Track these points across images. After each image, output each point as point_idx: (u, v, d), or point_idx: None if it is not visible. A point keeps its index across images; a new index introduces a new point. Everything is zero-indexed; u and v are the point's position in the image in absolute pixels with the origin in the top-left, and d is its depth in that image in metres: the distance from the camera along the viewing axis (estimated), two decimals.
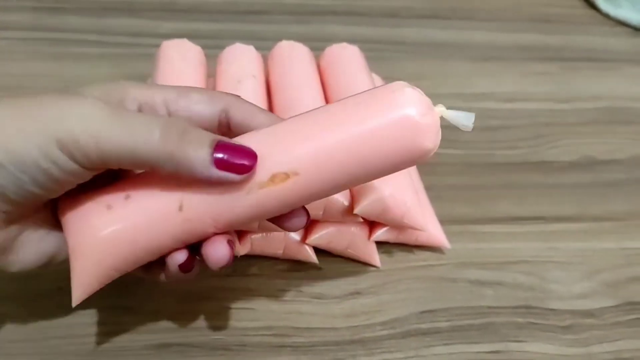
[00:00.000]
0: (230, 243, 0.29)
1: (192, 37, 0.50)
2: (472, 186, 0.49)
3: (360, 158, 0.27)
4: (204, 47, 0.50)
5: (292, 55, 0.48)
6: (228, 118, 0.30)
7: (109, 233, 0.28)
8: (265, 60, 0.50)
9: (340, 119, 0.28)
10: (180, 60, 0.46)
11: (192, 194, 0.28)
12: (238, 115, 0.30)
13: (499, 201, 0.48)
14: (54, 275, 0.31)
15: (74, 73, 0.57)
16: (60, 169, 0.26)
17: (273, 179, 0.27)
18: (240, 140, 0.28)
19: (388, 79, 0.56)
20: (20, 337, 0.35)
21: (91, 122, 0.26)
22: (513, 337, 0.37)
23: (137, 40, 0.62)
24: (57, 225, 0.30)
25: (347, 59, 0.49)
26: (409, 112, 0.27)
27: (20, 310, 0.36)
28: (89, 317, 0.36)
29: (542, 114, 0.58)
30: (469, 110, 0.56)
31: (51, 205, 0.30)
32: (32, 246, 0.30)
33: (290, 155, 0.27)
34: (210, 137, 0.27)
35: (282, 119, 0.30)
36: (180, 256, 0.29)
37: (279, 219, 0.30)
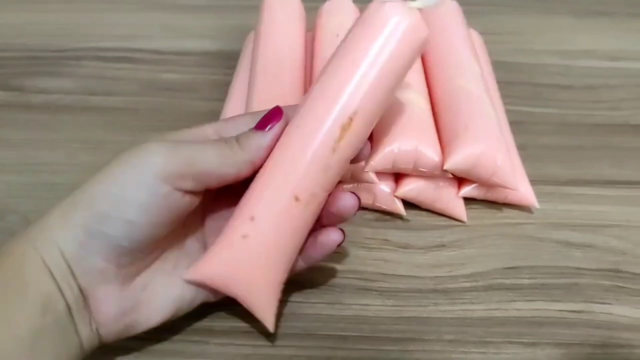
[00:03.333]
0: (352, 192, 0.34)
1: None
2: (567, 147, 0.48)
3: (386, 76, 0.32)
4: (304, 0, 0.51)
5: None
6: None
7: (259, 259, 0.32)
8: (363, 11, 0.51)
9: (353, 56, 0.32)
10: (282, 14, 0.47)
11: (297, 182, 0.31)
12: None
13: (594, 163, 0.47)
14: None
15: (181, 23, 0.60)
16: (166, 199, 0.29)
17: (344, 128, 0.31)
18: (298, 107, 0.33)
19: (487, 33, 0.56)
20: None
21: (180, 151, 0.30)
22: (598, 299, 0.38)
23: None
24: (176, 268, 0.33)
25: (446, 14, 0.49)
26: (399, 25, 0.31)
27: None
28: None
29: None
30: (569, 68, 0.55)
31: (163, 248, 0.33)
32: (158, 296, 0.32)
33: (343, 104, 0.31)
34: (249, 128, 0.33)
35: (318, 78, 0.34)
36: (337, 236, 0.34)
37: (332, 203, 0.34)
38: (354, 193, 0.34)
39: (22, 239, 0.29)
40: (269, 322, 0.33)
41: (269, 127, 0.32)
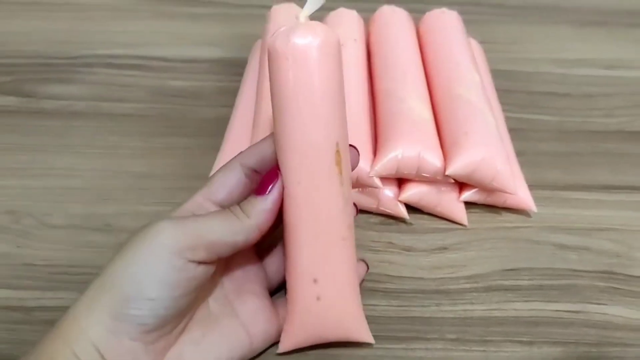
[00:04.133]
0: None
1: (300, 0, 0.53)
2: (565, 153, 0.50)
3: (336, 94, 0.31)
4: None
5: (393, 20, 0.50)
6: (249, 169, 0.34)
7: (337, 307, 0.34)
8: (367, 23, 0.52)
9: (303, 100, 0.31)
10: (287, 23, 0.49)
11: (337, 226, 0.33)
12: (251, 161, 0.34)
13: (591, 169, 0.48)
14: None
15: (190, 31, 0.62)
16: (183, 272, 0.31)
17: (337, 162, 0.32)
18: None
19: (486, 42, 0.57)
20: None
21: (187, 225, 0.31)
22: (593, 299, 0.39)
23: (250, 1, 0.66)
24: (202, 336, 0.33)
25: (446, 24, 0.50)
26: (315, 49, 0.30)
27: None
28: None
29: None
30: (566, 77, 0.57)
31: (186, 317, 0.33)
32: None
33: (326, 145, 0.32)
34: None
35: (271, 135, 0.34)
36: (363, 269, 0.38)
37: None
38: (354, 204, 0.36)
39: (53, 335, 0.30)
40: (367, 339, 0.36)
41: (268, 189, 0.33)
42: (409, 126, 0.42)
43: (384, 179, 0.42)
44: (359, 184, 0.42)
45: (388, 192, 0.43)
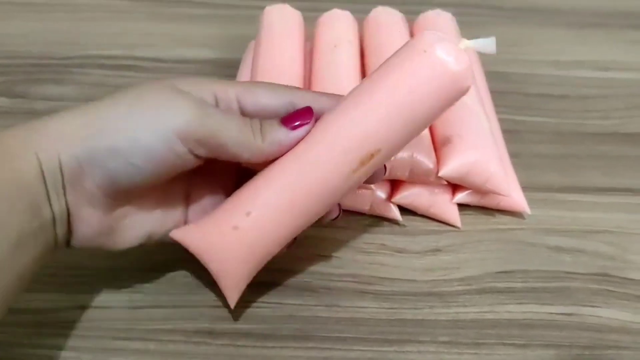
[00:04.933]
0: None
1: (292, 0, 0.53)
2: (560, 155, 0.49)
3: (420, 116, 0.32)
4: (302, 9, 0.52)
5: (387, 21, 0.50)
6: (295, 109, 0.33)
7: (242, 250, 0.33)
8: (361, 24, 0.52)
9: (392, 91, 0.31)
10: (281, 25, 0.49)
11: (303, 196, 0.32)
12: (302, 104, 0.33)
13: (587, 171, 0.48)
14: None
15: (183, 32, 0.61)
16: (179, 159, 0.30)
17: (362, 162, 0.32)
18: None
19: None
20: (138, 267, 0.40)
21: (206, 119, 0.30)
22: (587, 302, 0.39)
23: (241, 2, 0.66)
24: (156, 207, 0.34)
25: (440, 25, 0.50)
26: (447, 67, 0.31)
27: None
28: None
29: (638, 84, 0.57)
30: (563, 78, 0.57)
31: (153, 190, 0.34)
32: (135, 227, 0.34)
33: (369, 139, 0.31)
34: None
35: (343, 100, 0.33)
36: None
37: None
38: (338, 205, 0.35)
39: (24, 140, 0.29)
40: (232, 301, 0.34)
41: (295, 124, 0.32)
42: None
43: None
44: None
45: (380, 193, 0.43)
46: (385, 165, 0.35)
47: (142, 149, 0.29)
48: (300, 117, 0.32)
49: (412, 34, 0.51)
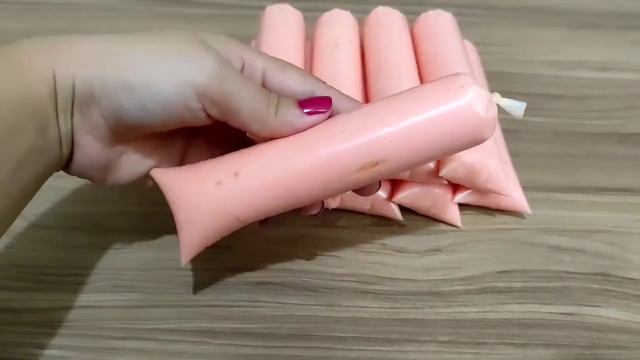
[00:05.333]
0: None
1: (293, 0, 0.53)
2: (559, 155, 0.50)
3: (434, 146, 0.32)
4: (303, 9, 0.52)
5: (387, 21, 0.50)
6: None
7: (216, 209, 0.32)
8: (361, 24, 0.52)
9: (416, 110, 0.31)
10: (281, 25, 0.49)
11: (295, 180, 0.32)
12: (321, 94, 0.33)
13: (586, 171, 0.48)
14: (170, 215, 0.35)
15: None
16: (189, 113, 0.30)
17: (363, 167, 0.32)
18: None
19: (481, 44, 0.57)
20: (136, 267, 0.40)
21: (227, 81, 0.30)
22: (587, 302, 0.39)
23: (242, 2, 0.65)
24: (153, 154, 0.34)
25: (441, 26, 0.50)
26: (476, 109, 0.31)
27: (139, 242, 0.41)
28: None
29: (637, 84, 0.57)
30: (562, 79, 0.57)
31: (155, 136, 0.34)
32: (129, 167, 0.34)
33: (378, 146, 0.31)
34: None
35: (363, 105, 0.34)
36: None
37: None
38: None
39: (44, 52, 0.29)
40: (184, 257, 0.34)
41: (310, 110, 0.32)
42: None
43: None
44: None
45: (381, 193, 0.43)
46: (380, 182, 0.35)
47: (156, 94, 0.29)
48: (318, 104, 0.32)
49: (412, 34, 0.51)
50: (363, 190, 0.35)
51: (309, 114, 0.32)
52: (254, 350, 0.36)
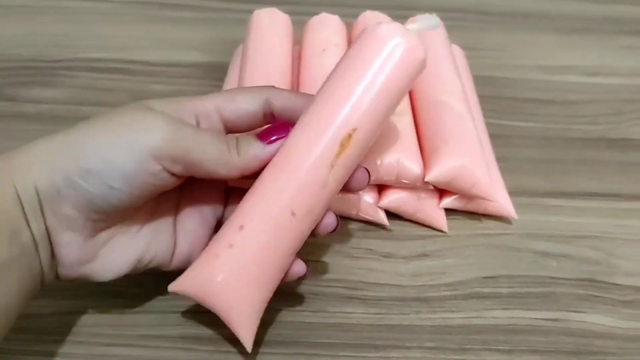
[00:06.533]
0: (334, 212, 0.35)
1: (281, 3, 0.53)
2: (547, 160, 0.50)
3: (384, 96, 0.33)
4: (291, 13, 0.52)
5: None
6: (271, 108, 0.34)
7: (242, 271, 0.32)
8: (349, 28, 0.52)
9: (360, 77, 0.33)
10: (270, 29, 0.49)
11: (293, 196, 0.32)
12: (278, 102, 0.34)
13: (573, 176, 0.48)
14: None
15: (172, 35, 0.61)
16: (154, 177, 0.30)
17: (343, 144, 0.32)
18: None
19: (469, 49, 0.57)
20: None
21: (180, 137, 0.30)
22: (572, 307, 0.39)
23: (230, 5, 0.65)
24: (142, 229, 0.34)
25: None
26: (400, 47, 0.33)
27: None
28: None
29: (626, 89, 0.57)
30: (550, 83, 0.57)
31: (137, 211, 0.33)
32: (119, 252, 0.33)
33: (343, 120, 0.32)
34: (251, 134, 0.33)
35: (314, 97, 0.34)
36: (300, 268, 0.35)
37: (348, 182, 0.34)
38: (334, 214, 0.35)
39: (0, 170, 0.29)
40: (247, 341, 0.33)
41: (272, 139, 0.33)
42: (389, 132, 0.42)
43: None
44: None
45: (368, 198, 0.43)
46: (368, 171, 0.35)
47: (117, 170, 0.29)
48: (276, 131, 0.33)
49: None
50: (353, 183, 0.35)
51: (270, 142, 0.33)
52: (241, 357, 0.36)
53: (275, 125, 0.33)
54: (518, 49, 0.62)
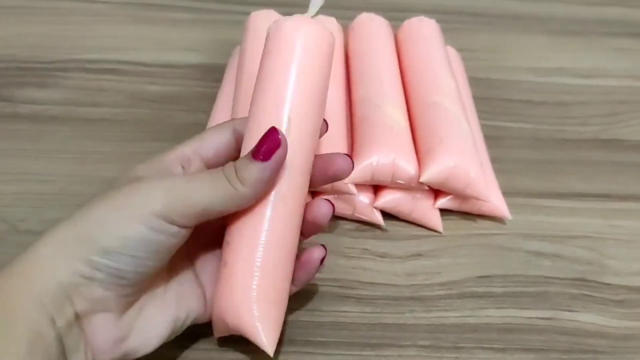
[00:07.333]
0: (326, 199, 0.35)
1: (278, 5, 0.53)
2: (540, 160, 0.50)
3: (309, 86, 0.33)
4: (288, 14, 0.52)
5: (371, 28, 0.51)
6: (241, 135, 0.34)
7: (242, 285, 0.32)
8: (346, 30, 0.52)
9: (285, 77, 0.33)
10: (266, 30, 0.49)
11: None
12: (244, 127, 0.34)
13: (565, 177, 0.49)
14: None
15: (168, 36, 0.61)
16: (171, 236, 0.30)
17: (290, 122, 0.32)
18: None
19: (465, 50, 0.58)
20: None
21: (178, 192, 0.30)
22: (565, 306, 0.39)
23: (227, 7, 0.66)
24: (167, 288, 0.33)
25: (424, 32, 0.50)
26: (306, 37, 0.33)
27: None
28: None
29: (618, 91, 0.58)
30: (543, 85, 0.58)
31: (159, 274, 0.33)
32: (155, 319, 0.32)
33: (278, 111, 0.32)
34: (244, 155, 0.32)
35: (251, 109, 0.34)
36: (318, 252, 0.35)
37: (328, 169, 0.35)
38: (327, 200, 0.35)
39: (9, 272, 0.28)
40: (271, 351, 0.32)
41: (267, 154, 0.31)
42: (385, 133, 0.42)
43: (360, 185, 0.42)
44: (334, 191, 0.42)
45: (363, 198, 0.43)
46: (350, 156, 0.35)
47: (133, 240, 0.29)
48: (269, 144, 0.31)
49: (396, 40, 0.51)
50: (335, 168, 0.34)
51: (265, 157, 0.31)
52: (235, 355, 0.36)
53: (265, 140, 0.31)
54: (511, 51, 0.63)
